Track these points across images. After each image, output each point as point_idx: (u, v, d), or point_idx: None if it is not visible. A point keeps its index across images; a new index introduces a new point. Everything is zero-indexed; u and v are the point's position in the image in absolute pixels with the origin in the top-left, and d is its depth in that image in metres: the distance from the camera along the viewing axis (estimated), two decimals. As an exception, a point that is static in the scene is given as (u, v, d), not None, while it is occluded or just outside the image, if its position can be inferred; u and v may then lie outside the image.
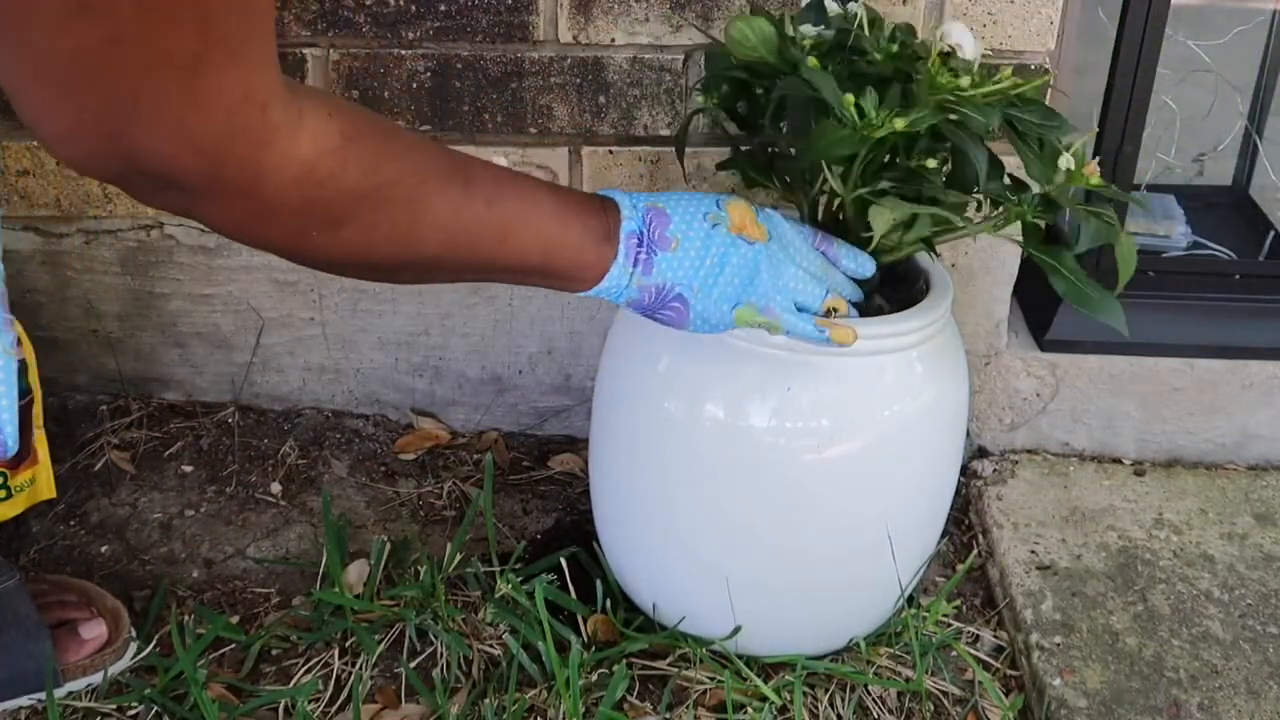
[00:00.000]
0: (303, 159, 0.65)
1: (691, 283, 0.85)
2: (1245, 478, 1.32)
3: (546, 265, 0.82)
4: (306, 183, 0.66)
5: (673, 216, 0.85)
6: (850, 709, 1.02)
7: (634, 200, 0.85)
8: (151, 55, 0.56)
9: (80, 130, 0.59)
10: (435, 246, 0.76)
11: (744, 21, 0.90)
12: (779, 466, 0.94)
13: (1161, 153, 1.46)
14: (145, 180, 0.62)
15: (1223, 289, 1.32)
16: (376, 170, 0.70)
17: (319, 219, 0.69)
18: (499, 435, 1.36)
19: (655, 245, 0.84)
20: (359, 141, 0.69)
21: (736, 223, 0.86)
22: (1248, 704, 1.03)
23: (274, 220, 0.67)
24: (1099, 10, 1.31)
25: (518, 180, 0.81)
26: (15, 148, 1.22)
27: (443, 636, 1.07)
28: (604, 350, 1.04)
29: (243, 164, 0.63)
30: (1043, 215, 0.89)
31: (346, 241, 0.71)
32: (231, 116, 0.60)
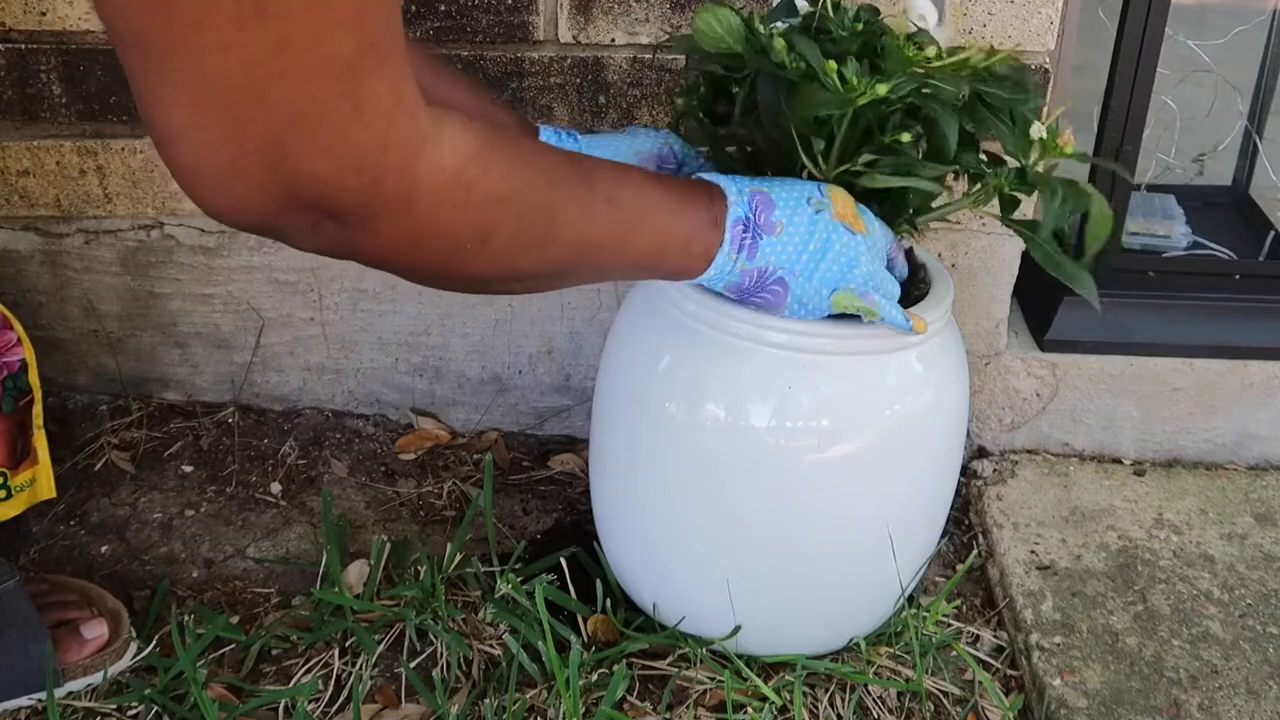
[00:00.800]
0: (450, 166, 0.65)
1: (794, 267, 0.86)
2: (1245, 478, 1.32)
3: (660, 260, 0.82)
4: (455, 188, 0.66)
5: (777, 201, 0.85)
6: (850, 709, 1.02)
7: (739, 185, 0.85)
8: (315, 61, 0.55)
9: (241, 163, 0.58)
10: (570, 249, 0.76)
11: (709, 13, 0.89)
12: (779, 466, 0.94)
13: (1161, 153, 1.46)
14: (304, 214, 0.62)
15: (1223, 289, 1.32)
16: (514, 174, 0.70)
17: (469, 230, 0.68)
18: (499, 435, 1.36)
19: (760, 230, 0.84)
20: (494, 147, 0.68)
21: (839, 210, 0.86)
22: (1248, 704, 1.03)
23: (429, 238, 0.67)
24: (1099, 10, 1.31)
25: (631, 174, 0.81)
26: (15, 148, 1.22)
27: (443, 636, 1.07)
28: (604, 350, 1.04)
29: (399, 176, 0.62)
30: (1019, 188, 0.89)
31: (493, 253, 0.71)
32: (388, 125, 0.60)
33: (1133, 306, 1.31)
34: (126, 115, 1.22)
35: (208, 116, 0.56)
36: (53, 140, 1.22)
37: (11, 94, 1.20)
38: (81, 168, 1.23)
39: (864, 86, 0.82)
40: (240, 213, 0.61)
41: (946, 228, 1.23)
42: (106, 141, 1.22)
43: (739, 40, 0.90)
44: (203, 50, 0.53)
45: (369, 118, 0.59)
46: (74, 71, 1.19)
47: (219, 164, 0.58)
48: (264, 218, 0.61)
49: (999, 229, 1.24)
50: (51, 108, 1.21)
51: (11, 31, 1.18)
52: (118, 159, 1.23)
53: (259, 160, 0.58)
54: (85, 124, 1.22)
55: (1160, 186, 1.49)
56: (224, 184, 0.59)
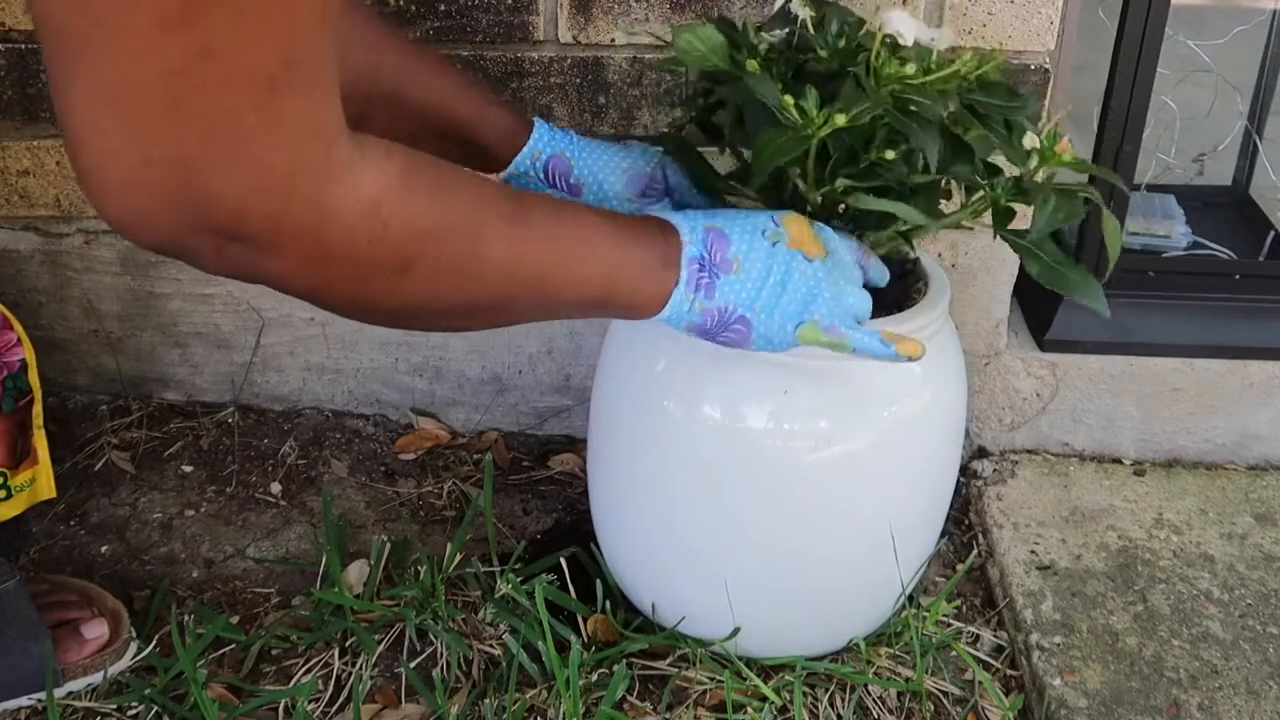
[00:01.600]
0: (367, 197, 0.63)
1: (754, 304, 0.84)
2: (1245, 478, 1.32)
3: (607, 296, 0.80)
4: (371, 220, 0.64)
5: (732, 237, 0.83)
6: (850, 709, 1.02)
7: (692, 223, 0.83)
8: (235, 71, 0.54)
9: (145, 175, 0.56)
10: (499, 285, 0.74)
11: (690, 32, 0.88)
12: (778, 467, 0.94)
13: (1161, 153, 1.46)
14: (208, 236, 0.60)
15: (1223, 289, 1.32)
16: (436, 208, 0.68)
17: (384, 262, 0.66)
18: (499, 435, 1.36)
19: (717, 269, 0.82)
20: (417, 180, 0.67)
21: (795, 237, 0.85)
22: (1248, 704, 1.03)
23: (340, 268, 0.65)
24: (1099, 10, 1.31)
25: (575, 210, 0.79)
26: (15, 148, 1.22)
27: (443, 636, 1.07)
28: (602, 351, 1.04)
29: (309, 203, 0.60)
30: (1016, 199, 0.88)
31: (412, 286, 0.69)
32: (300, 149, 0.58)
33: (1133, 306, 1.31)
34: (126, 115, 1.22)
35: (116, 120, 0.54)
36: (53, 140, 1.22)
37: (11, 94, 1.20)
38: (81, 168, 1.23)
39: (822, 119, 0.81)
40: (142, 228, 0.59)
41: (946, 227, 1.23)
42: (106, 141, 1.22)
43: (723, 58, 0.88)
44: (121, 50, 0.52)
45: (282, 138, 0.57)
46: (74, 71, 1.19)
47: (122, 172, 0.56)
48: (167, 235, 0.59)
49: (999, 229, 1.24)
50: (51, 108, 1.21)
51: (11, 31, 1.18)
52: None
53: (164, 172, 0.56)
54: (85, 124, 1.22)
55: (1160, 186, 1.49)
56: (125, 194, 0.57)
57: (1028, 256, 0.89)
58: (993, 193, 0.88)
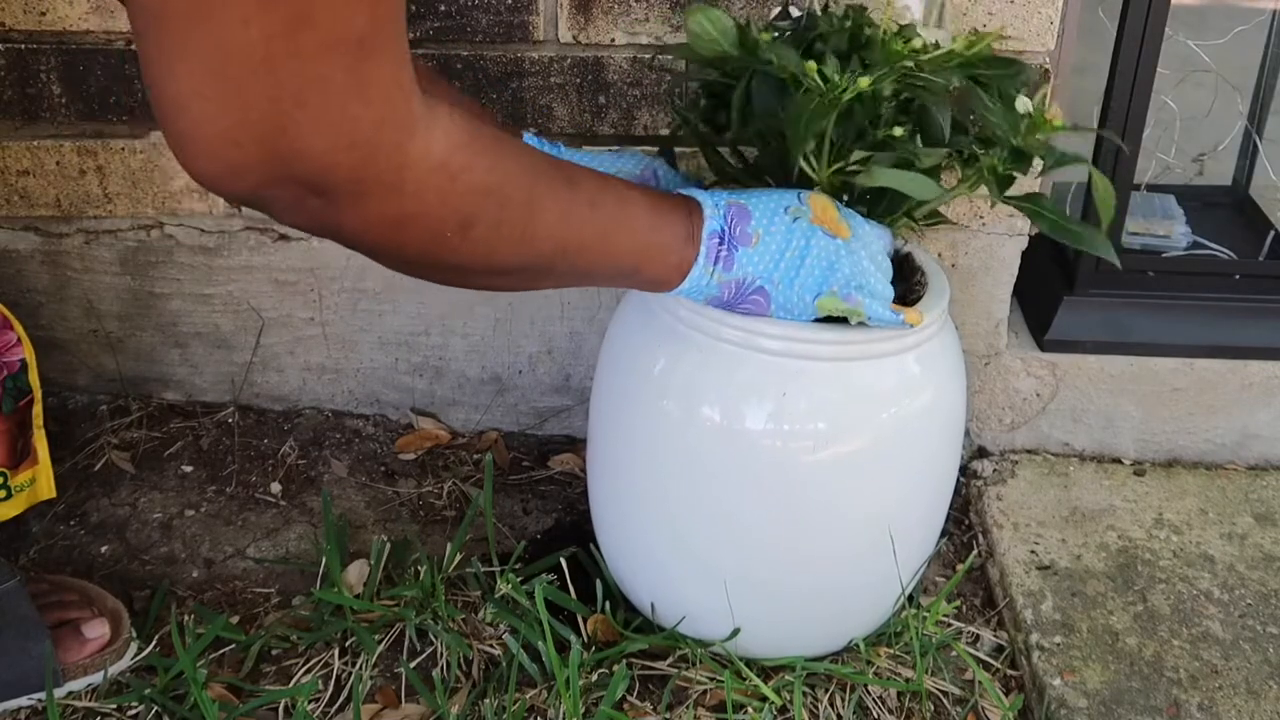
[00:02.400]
0: (439, 152, 0.66)
1: (772, 276, 0.86)
2: (1245, 478, 1.32)
3: (638, 269, 0.83)
4: (441, 175, 0.67)
5: (754, 212, 0.85)
6: (850, 709, 1.02)
7: (716, 199, 0.85)
8: (329, 37, 0.57)
9: (240, 133, 0.59)
10: (549, 248, 0.77)
11: (701, 14, 0.89)
12: (777, 468, 0.94)
13: (1161, 153, 1.46)
14: (291, 188, 0.62)
15: (1223, 289, 1.32)
16: (498, 167, 0.71)
17: (449, 218, 0.69)
18: (499, 435, 1.36)
19: (736, 241, 0.85)
20: (480, 139, 0.70)
21: (818, 215, 0.86)
22: (1248, 704, 1.03)
23: (412, 223, 0.68)
24: (1099, 10, 1.31)
25: (613, 182, 0.82)
26: (15, 148, 1.22)
27: (443, 636, 1.07)
28: (601, 351, 1.04)
29: (391, 156, 0.63)
30: (1014, 166, 0.89)
31: (472, 244, 0.72)
32: (386, 105, 0.61)
33: (1133, 306, 1.31)
34: (126, 115, 1.22)
35: (216, 86, 0.57)
36: (53, 140, 1.22)
37: (11, 94, 1.20)
38: (81, 168, 1.23)
39: (846, 82, 0.82)
40: (231, 181, 0.62)
41: (946, 227, 1.23)
42: (106, 141, 1.22)
43: (732, 43, 0.90)
44: (224, 23, 0.55)
45: (369, 96, 0.60)
46: (74, 71, 1.19)
47: (217, 132, 0.59)
48: (253, 187, 0.62)
49: (999, 229, 1.24)
50: (51, 108, 1.21)
51: (11, 31, 1.18)
52: (118, 159, 1.23)
53: (258, 131, 0.59)
54: (85, 124, 1.22)
55: (1160, 186, 1.49)
56: (219, 152, 0.60)
57: (1033, 215, 0.90)
58: (990, 162, 0.89)
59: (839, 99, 0.83)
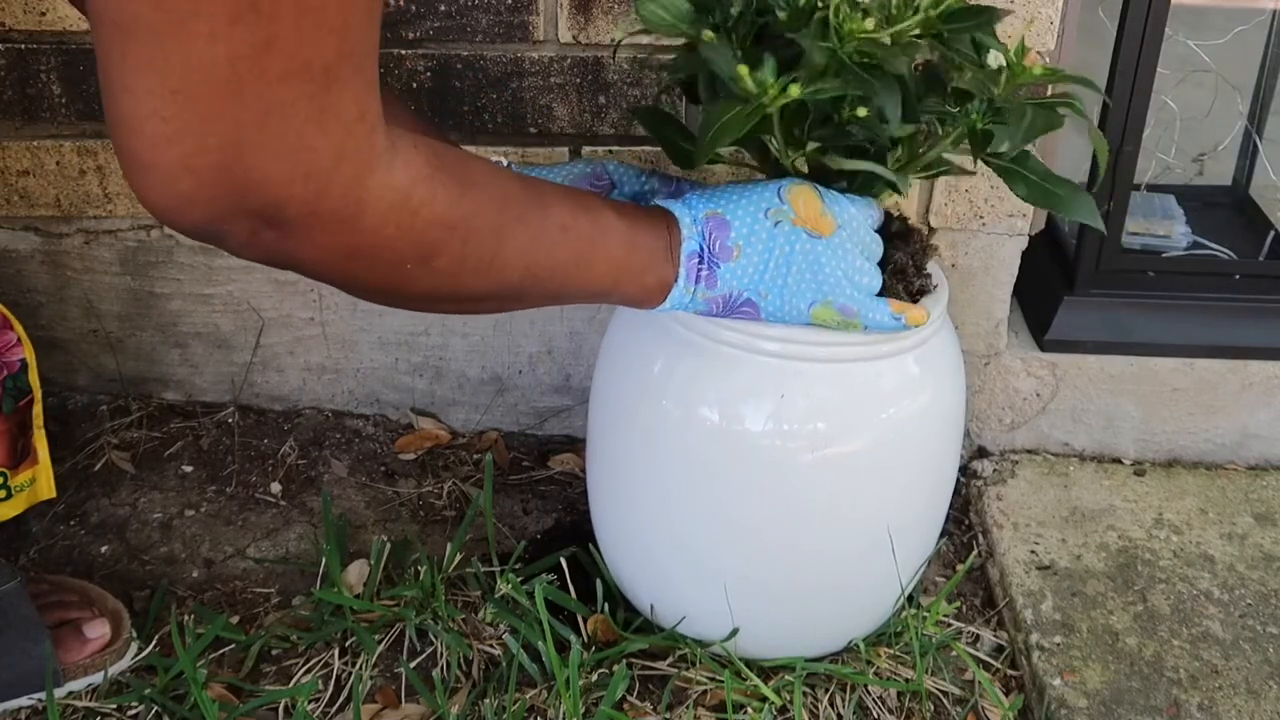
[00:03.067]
0: (399, 186, 0.65)
1: (758, 287, 0.84)
2: (1245, 478, 1.32)
3: (614, 288, 0.82)
4: (402, 211, 0.66)
5: (733, 222, 0.83)
6: (850, 709, 1.02)
7: (694, 213, 0.83)
8: (294, 64, 0.56)
9: (197, 160, 0.58)
10: (518, 274, 0.76)
11: (652, 1, 0.86)
12: (776, 469, 0.94)
13: (1161, 153, 1.46)
14: (245, 221, 0.61)
15: (1223, 289, 1.32)
16: (462, 199, 0.70)
17: (412, 251, 0.68)
18: (499, 435, 1.36)
19: (717, 258, 0.83)
20: (444, 170, 0.69)
21: (801, 214, 0.84)
22: (1248, 704, 1.03)
23: (371, 256, 0.67)
24: (1099, 10, 1.31)
25: (588, 202, 0.81)
26: (15, 148, 1.22)
27: (443, 636, 1.07)
28: (600, 352, 1.04)
29: (347, 190, 0.62)
30: (995, 121, 0.85)
31: (437, 274, 0.71)
32: (346, 137, 0.61)
33: (1133, 306, 1.31)
34: (126, 115, 1.22)
35: (176, 106, 0.56)
36: (53, 140, 1.22)
37: (11, 94, 1.20)
38: (81, 168, 1.23)
39: (777, 89, 0.79)
40: (183, 212, 0.61)
41: (945, 227, 1.23)
42: (106, 141, 1.22)
43: (690, 23, 0.86)
44: (191, 39, 0.54)
45: (329, 126, 0.59)
46: (74, 71, 1.19)
47: (174, 158, 0.58)
48: (208, 219, 0.61)
49: (999, 229, 1.24)
50: (51, 108, 1.21)
51: (11, 31, 1.18)
52: (118, 159, 1.23)
53: (215, 157, 0.58)
54: (85, 124, 1.22)
55: (1160, 186, 1.49)
56: (173, 179, 0.59)
57: (1012, 178, 0.86)
58: (968, 119, 0.85)
59: (766, 108, 0.80)
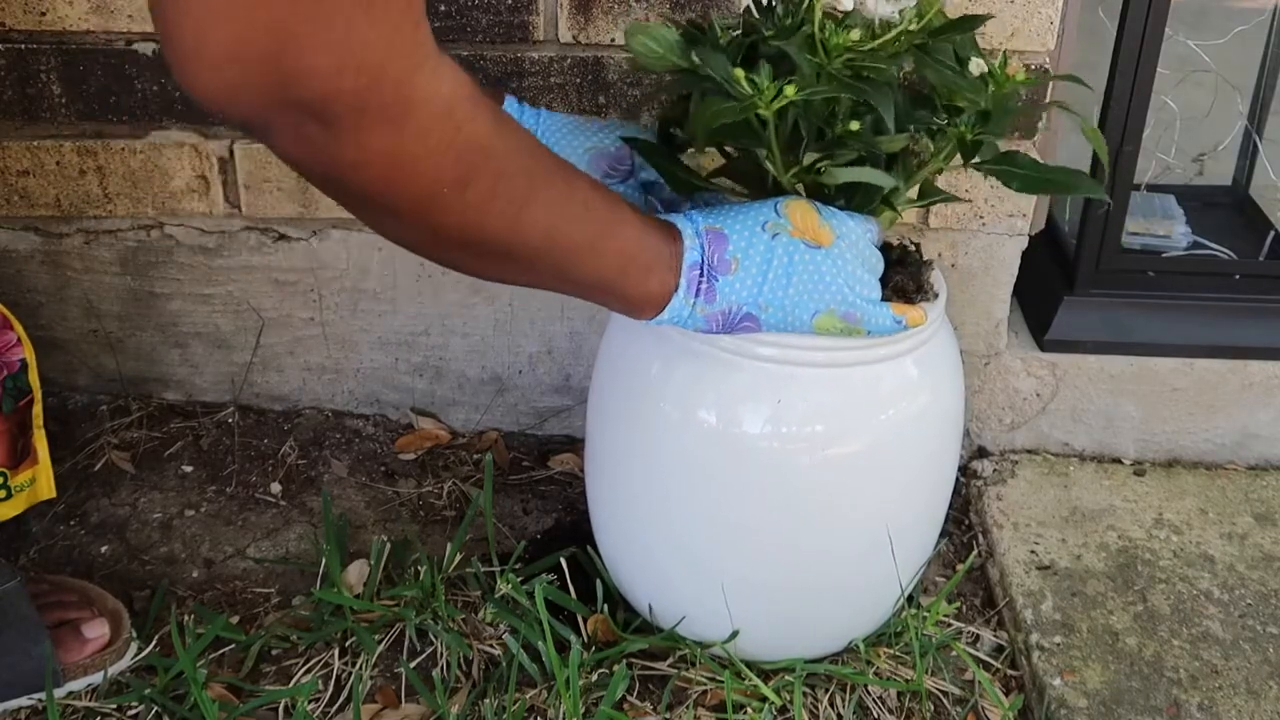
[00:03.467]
0: (445, 94, 0.65)
1: (758, 300, 0.84)
2: (1245, 478, 1.32)
3: (619, 283, 0.81)
4: (446, 122, 0.65)
5: (730, 236, 0.83)
6: (850, 709, 1.02)
7: (695, 226, 0.83)
8: None
9: (244, 48, 0.57)
10: (538, 236, 0.75)
11: (642, 33, 0.86)
12: (775, 470, 0.94)
13: (1161, 153, 1.46)
14: (292, 113, 0.60)
15: (1223, 289, 1.32)
16: (500, 131, 0.70)
17: (451, 169, 0.67)
18: (499, 435, 1.36)
19: (716, 271, 0.83)
20: (485, 102, 0.68)
21: (799, 226, 0.84)
22: (1248, 704, 1.03)
23: (412, 166, 0.66)
24: (1099, 10, 1.31)
25: (609, 192, 0.81)
26: (15, 148, 1.22)
27: (443, 636, 1.07)
28: (599, 353, 1.04)
29: (398, 86, 0.62)
30: (985, 131, 0.87)
31: (467, 206, 0.70)
32: (395, 31, 0.60)
33: (1133, 306, 1.31)
34: (126, 115, 1.22)
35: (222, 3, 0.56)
36: (53, 140, 1.22)
37: (11, 94, 1.20)
38: (81, 168, 1.23)
39: (772, 91, 0.80)
40: (230, 100, 0.60)
41: (945, 227, 1.23)
42: (106, 141, 1.22)
43: (681, 55, 0.87)
44: None
45: (377, 18, 0.59)
46: (74, 71, 1.19)
47: (221, 43, 0.57)
48: (255, 108, 0.60)
49: (999, 229, 1.24)
50: (51, 108, 1.21)
51: (11, 31, 1.18)
52: (118, 159, 1.23)
53: (263, 47, 0.57)
54: (85, 124, 1.22)
55: (1160, 186, 1.49)
56: (220, 67, 0.58)
57: (1005, 176, 0.88)
58: (958, 130, 0.86)
59: (757, 106, 0.81)
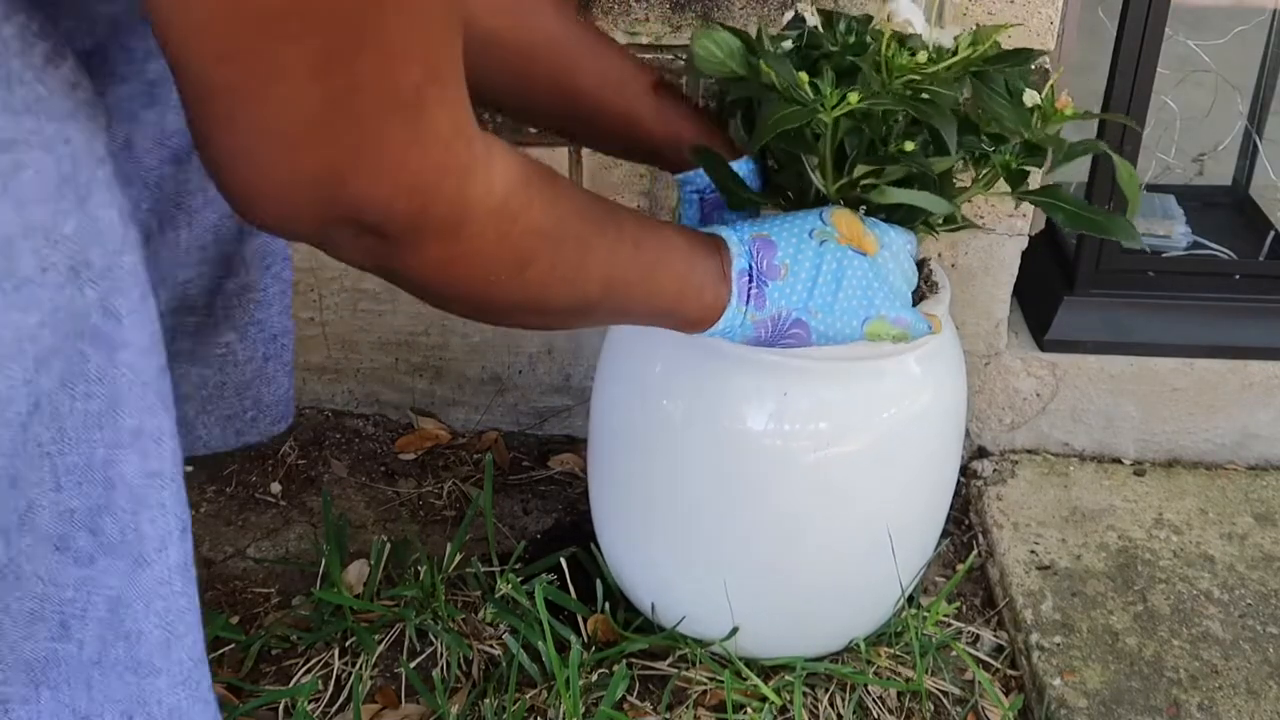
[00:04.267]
0: (497, 193, 0.65)
1: (808, 305, 0.84)
2: (1245, 478, 1.32)
3: (677, 308, 0.82)
4: (501, 217, 0.66)
5: (778, 243, 0.84)
6: (850, 709, 1.02)
7: (740, 235, 0.84)
8: (382, 97, 0.56)
9: (295, 186, 0.58)
10: (598, 286, 0.76)
11: (706, 37, 0.87)
12: (777, 469, 0.94)
13: (1161, 153, 1.46)
14: (348, 230, 0.61)
15: (1223, 289, 1.32)
16: (554, 207, 0.70)
17: (508, 259, 0.68)
18: (499, 435, 1.36)
19: (765, 276, 0.83)
20: (536, 179, 0.69)
21: (845, 234, 0.85)
22: (1248, 704, 1.03)
23: (468, 264, 0.67)
24: (1099, 10, 1.31)
25: (653, 222, 0.82)
26: (15, 148, 1.22)
27: (443, 636, 1.07)
28: (602, 351, 1.04)
29: (451, 200, 0.62)
30: (1028, 161, 0.88)
31: (528, 284, 0.71)
32: (445, 151, 0.60)
33: (1133, 306, 1.31)
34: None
35: (271, 148, 0.56)
36: (53, 140, 1.22)
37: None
38: (81, 168, 1.23)
39: (836, 98, 0.81)
40: (286, 227, 0.61)
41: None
42: (106, 141, 1.22)
43: (740, 63, 0.88)
44: (275, 98, 0.54)
45: (428, 145, 0.59)
46: (74, 71, 1.19)
47: (277, 184, 0.58)
48: (310, 230, 0.61)
49: (999, 229, 1.24)
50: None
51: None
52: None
53: (318, 181, 0.58)
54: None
55: (1160, 186, 1.49)
56: (278, 202, 0.59)
57: (1051, 209, 0.89)
58: (1002, 158, 0.88)
59: (819, 111, 0.81)
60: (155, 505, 0.59)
